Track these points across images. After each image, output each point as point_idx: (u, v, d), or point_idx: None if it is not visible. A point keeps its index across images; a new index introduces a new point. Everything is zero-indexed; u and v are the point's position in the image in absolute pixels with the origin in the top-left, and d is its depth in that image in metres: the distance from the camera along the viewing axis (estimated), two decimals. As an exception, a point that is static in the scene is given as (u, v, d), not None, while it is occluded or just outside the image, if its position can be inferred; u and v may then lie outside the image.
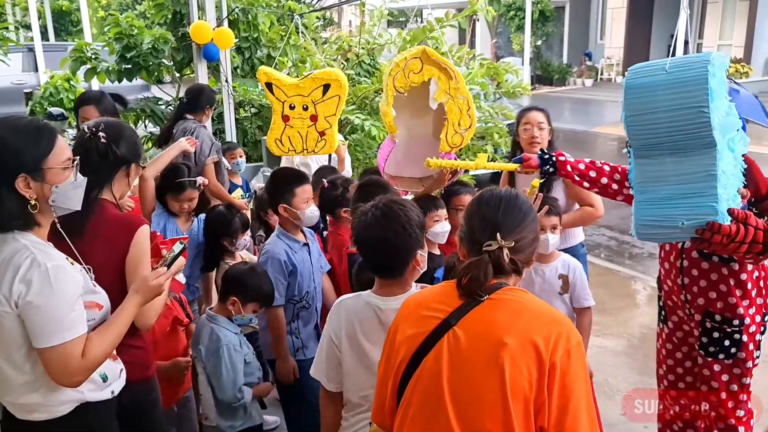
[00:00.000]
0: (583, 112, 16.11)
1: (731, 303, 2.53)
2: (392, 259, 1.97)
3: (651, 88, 1.99)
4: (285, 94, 3.34)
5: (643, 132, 2.04)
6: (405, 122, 3.23)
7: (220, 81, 6.07)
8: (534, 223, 1.64)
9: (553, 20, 22.83)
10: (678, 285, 2.67)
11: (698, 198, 1.94)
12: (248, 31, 6.52)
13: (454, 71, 2.96)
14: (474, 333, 1.45)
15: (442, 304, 1.55)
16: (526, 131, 3.43)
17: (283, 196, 2.91)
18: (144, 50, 6.05)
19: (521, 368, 1.36)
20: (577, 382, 1.37)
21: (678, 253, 2.63)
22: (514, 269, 1.56)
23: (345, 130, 6.10)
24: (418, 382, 1.48)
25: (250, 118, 6.83)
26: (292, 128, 3.39)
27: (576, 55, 22.89)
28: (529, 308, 1.48)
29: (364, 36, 6.81)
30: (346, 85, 3.34)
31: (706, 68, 1.90)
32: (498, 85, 6.70)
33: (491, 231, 1.55)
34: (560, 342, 1.38)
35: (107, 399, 1.88)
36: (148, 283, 1.89)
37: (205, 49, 5.59)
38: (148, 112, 6.60)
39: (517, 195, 1.67)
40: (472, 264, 1.53)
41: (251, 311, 2.75)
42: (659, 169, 2.04)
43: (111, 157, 2.09)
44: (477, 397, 1.38)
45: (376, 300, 1.99)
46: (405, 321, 1.62)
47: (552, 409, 1.34)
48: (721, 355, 2.59)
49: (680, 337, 2.79)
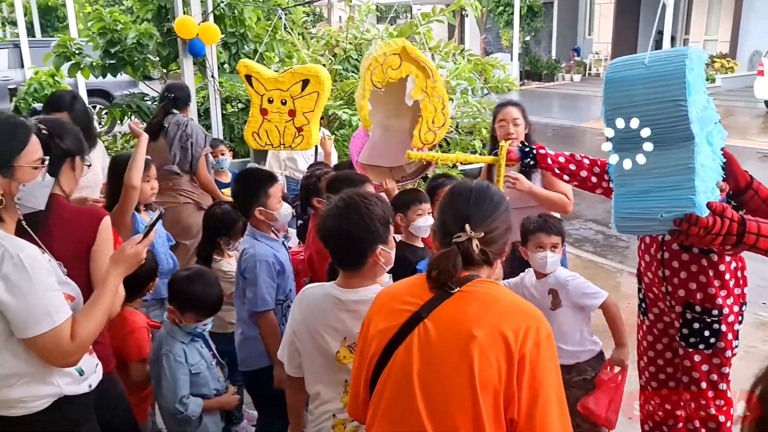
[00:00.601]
0: (572, 107, 16.17)
1: (710, 294, 2.56)
2: (350, 250, 1.96)
3: (630, 82, 2.00)
4: (264, 87, 3.32)
5: (622, 126, 2.05)
6: (381, 116, 3.23)
7: (206, 76, 6.05)
8: (506, 213, 1.63)
9: (542, 16, 22.89)
10: (659, 277, 2.69)
11: (677, 191, 1.96)
12: (235, 27, 6.49)
13: (432, 70, 2.97)
14: (444, 326, 1.45)
15: (413, 297, 1.54)
16: (501, 128, 3.44)
17: (258, 198, 2.83)
18: (128, 45, 6.02)
19: (490, 360, 1.36)
20: (547, 374, 1.37)
21: (659, 245, 2.66)
22: (484, 260, 1.54)
23: (333, 125, 6.09)
24: (389, 375, 1.47)
25: (237, 113, 6.81)
26: (270, 122, 3.37)
27: (564, 51, 22.95)
28: (500, 300, 1.47)
29: (351, 31, 6.80)
30: (325, 82, 3.31)
31: (684, 62, 1.91)
32: (485, 81, 6.71)
33: (462, 222, 1.54)
34: (530, 334, 1.38)
35: (85, 393, 1.87)
36: (125, 251, 1.87)
37: (190, 45, 5.56)
38: (134, 108, 6.57)
39: (489, 186, 1.67)
40: (441, 256, 1.52)
41: (192, 321, 2.61)
42: (639, 162, 2.05)
43: (54, 150, 2.04)
44: (447, 390, 1.38)
45: (335, 291, 1.99)
46: (377, 314, 1.62)
47: (522, 400, 1.34)
48: (701, 345, 2.62)
49: (661, 329, 2.81)
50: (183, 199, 4.27)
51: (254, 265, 2.74)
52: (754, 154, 10.48)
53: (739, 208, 2.37)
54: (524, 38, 22.80)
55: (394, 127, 3.32)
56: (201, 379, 2.61)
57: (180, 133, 4.17)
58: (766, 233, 1.91)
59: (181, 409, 2.52)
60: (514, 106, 3.51)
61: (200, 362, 2.62)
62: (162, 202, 4.16)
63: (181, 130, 4.19)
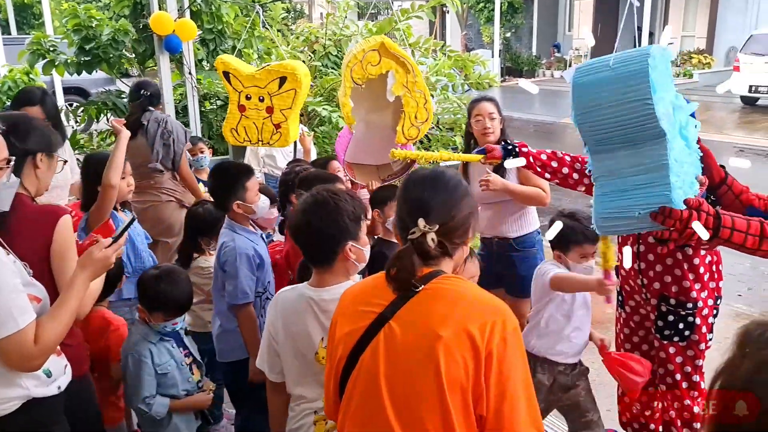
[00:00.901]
0: (552, 103, 16.22)
1: (685, 287, 2.59)
2: (319, 246, 1.95)
3: (596, 85, 2.01)
4: (242, 84, 3.30)
5: (593, 129, 2.07)
6: (363, 113, 3.22)
7: (184, 73, 5.98)
8: (466, 198, 1.56)
9: (522, 12, 22.98)
10: (635, 270, 2.71)
11: (652, 187, 1.97)
12: (212, 23, 6.42)
13: (412, 65, 2.96)
14: (409, 327, 1.41)
15: (377, 298, 1.50)
16: (478, 122, 3.44)
17: (235, 192, 2.83)
18: (104, 42, 5.92)
19: (457, 359, 1.33)
20: (514, 369, 1.35)
21: (635, 238, 2.68)
22: (443, 253, 1.49)
23: (313, 122, 6.06)
24: (357, 379, 1.45)
25: (216, 110, 6.74)
26: (248, 119, 3.35)
27: (545, 47, 23.07)
28: (466, 297, 1.44)
29: (330, 27, 6.76)
30: (303, 79, 3.30)
31: (647, 61, 1.92)
32: (466, 77, 6.72)
33: (416, 215, 1.48)
34: (496, 329, 1.35)
35: (54, 395, 1.84)
36: (93, 255, 1.83)
37: (166, 41, 5.48)
38: (110, 106, 6.47)
39: (443, 172, 1.59)
40: (397, 255, 1.48)
41: (160, 320, 2.58)
42: (613, 162, 2.06)
43: (13, 148, 1.98)
44: (414, 391, 1.36)
45: (309, 291, 1.97)
46: (342, 316, 1.59)
47: (490, 397, 1.32)
48: (676, 337, 2.64)
49: (637, 321, 2.84)
50: (165, 197, 4.23)
51: (234, 258, 2.74)
52: (730, 148, 10.61)
53: (717, 203, 2.39)
54: (505, 35, 22.88)
55: (377, 124, 3.32)
56: (169, 379, 2.57)
57: (161, 129, 4.14)
58: (740, 227, 1.92)
59: (144, 409, 2.50)
60: (489, 101, 3.51)
61: (168, 362, 2.58)
62: (144, 201, 4.18)
63: (161, 127, 4.15)
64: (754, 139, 11.54)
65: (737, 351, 0.94)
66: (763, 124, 12.70)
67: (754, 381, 0.89)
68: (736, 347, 0.95)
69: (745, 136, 11.80)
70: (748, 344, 0.93)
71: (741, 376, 0.91)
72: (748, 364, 0.91)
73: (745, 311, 4.73)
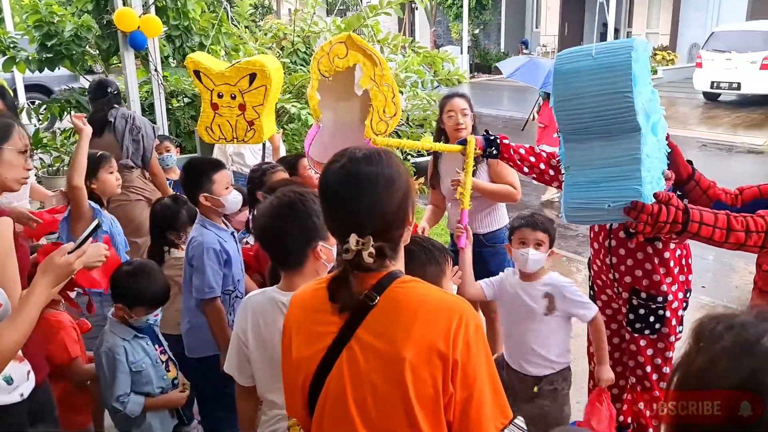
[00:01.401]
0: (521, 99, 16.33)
1: (655, 280, 2.63)
2: (287, 249, 1.92)
3: (578, 73, 2.01)
4: (213, 82, 3.27)
5: (571, 117, 2.07)
6: (331, 107, 3.19)
7: (150, 70, 5.87)
8: (392, 184, 1.35)
9: (490, 9, 23.14)
10: (606, 264, 2.75)
11: (623, 181, 1.98)
12: (178, 19, 6.31)
13: (379, 58, 2.95)
14: (371, 350, 1.32)
15: (333, 315, 1.37)
16: (450, 118, 3.47)
17: (202, 185, 2.80)
18: (66, 38, 5.78)
19: (424, 378, 1.28)
20: (479, 368, 1.31)
21: (606, 233, 2.71)
22: (385, 256, 1.35)
23: (282, 119, 6.01)
24: (325, 401, 1.38)
25: (183, 108, 6.64)
26: (221, 117, 3.32)
27: (513, 44, 23.27)
28: (424, 305, 1.33)
29: (299, 24, 6.71)
30: (272, 75, 3.27)
31: (630, 54, 1.93)
32: (435, 73, 6.73)
33: (344, 232, 1.32)
34: (459, 335, 1.29)
35: (16, 402, 1.79)
36: (54, 261, 1.76)
37: (131, 37, 5.37)
38: (73, 103, 6.32)
39: (357, 169, 1.35)
40: (333, 281, 1.37)
41: (143, 314, 2.56)
42: (587, 153, 2.07)
43: None
44: (384, 411, 1.31)
45: (278, 295, 1.93)
46: (297, 334, 1.46)
47: (457, 401, 1.30)
48: (647, 330, 2.69)
49: (609, 315, 2.88)
50: (134, 196, 4.18)
51: (201, 252, 2.74)
52: (694, 143, 10.84)
53: (684, 197, 2.44)
54: (473, 31, 23.01)
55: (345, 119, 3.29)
56: (143, 377, 2.55)
57: (129, 125, 4.08)
58: (708, 221, 1.95)
59: (118, 407, 2.46)
60: (461, 97, 3.54)
61: (143, 360, 2.55)
62: (112, 200, 4.09)
63: (129, 123, 4.09)
64: (716, 134, 11.81)
65: (693, 345, 0.93)
66: (724, 120, 13.01)
67: (707, 376, 0.88)
68: (691, 341, 0.94)
69: (707, 131, 12.07)
70: (702, 338, 0.92)
71: (695, 371, 0.90)
72: (701, 358, 0.90)
73: (708, 303, 4.84)
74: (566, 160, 2.14)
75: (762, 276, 2.25)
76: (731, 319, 0.91)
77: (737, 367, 0.85)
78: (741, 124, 12.57)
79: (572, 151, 2.12)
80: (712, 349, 0.89)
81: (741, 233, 1.94)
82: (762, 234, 1.94)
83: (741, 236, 1.94)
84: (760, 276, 2.26)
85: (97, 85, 4.45)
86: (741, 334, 0.88)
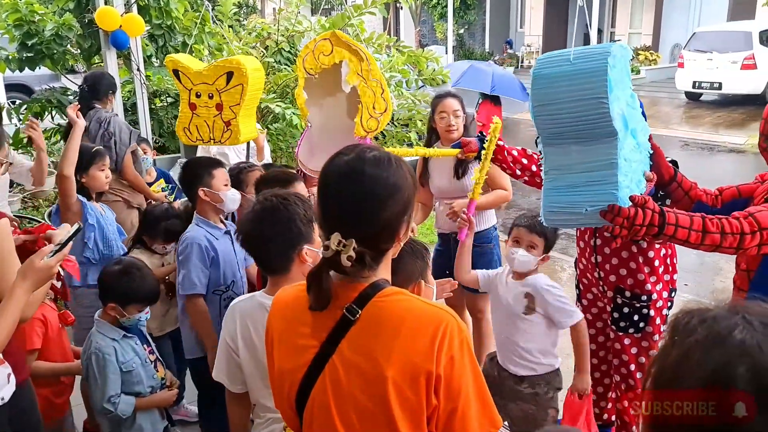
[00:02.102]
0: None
1: (640, 280, 2.64)
2: (272, 254, 1.92)
3: (555, 78, 2.01)
4: (191, 81, 3.24)
5: (549, 122, 2.07)
6: (318, 107, 3.18)
7: (132, 70, 5.82)
8: (393, 196, 1.29)
9: (475, 9, 23.21)
10: (592, 263, 2.76)
11: (600, 185, 1.98)
12: (161, 18, 6.26)
13: (366, 53, 2.92)
14: (353, 369, 1.29)
15: (314, 327, 1.34)
16: (442, 119, 3.44)
17: (201, 179, 2.80)
18: (47, 37, 5.72)
19: (407, 395, 1.25)
20: (464, 382, 1.28)
21: (592, 231, 2.72)
22: (365, 266, 1.29)
23: (267, 119, 5.98)
24: (312, 413, 1.35)
25: (166, 108, 6.60)
26: (199, 117, 3.29)
27: (497, 43, 23.36)
28: (407, 320, 1.28)
29: (283, 23, 6.68)
30: (250, 74, 3.23)
31: (606, 60, 1.93)
32: (419, 73, 6.74)
33: (330, 228, 1.28)
34: (443, 349, 1.25)
35: None
36: (34, 264, 1.73)
37: (113, 37, 5.33)
38: (54, 103, 6.26)
39: (362, 168, 1.29)
40: (310, 276, 1.32)
41: (136, 312, 2.56)
42: (565, 157, 2.07)
43: None
44: (367, 427, 1.29)
45: (266, 300, 1.91)
46: (279, 344, 1.42)
47: (440, 413, 1.27)
48: (631, 329, 2.70)
49: (595, 314, 2.89)
50: (112, 197, 4.13)
51: (185, 247, 2.73)
52: (676, 142, 10.95)
53: (666, 198, 2.45)
54: (458, 31, 23.07)
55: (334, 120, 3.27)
56: (134, 377, 2.54)
57: (102, 131, 4.02)
58: (683, 224, 1.96)
59: (109, 408, 2.45)
60: (453, 97, 3.50)
61: (133, 359, 2.55)
62: None
63: (103, 129, 4.03)
64: (698, 133, 11.94)
65: (668, 339, 0.95)
66: (706, 119, 13.15)
67: (681, 368, 0.89)
68: (667, 335, 0.96)
69: (689, 131, 12.20)
70: (676, 332, 0.93)
71: (670, 364, 0.92)
72: (676, 351, 0.91)
73: (692, 301, 4.89)
74: (546, 165, 2.14)
75: (740, 275, 2.27)
76: (705, 313, 0.93)
77: (709, 359, 0.87)
78: (722, 123, 12.71)
79: (551, 155, 2.12)
80: (686, 342, 0.90)
81: (716, 235, 1.95)
82: (737, 236, 1.96)
83: (716, 238, 1.96)
84: (739, 275, 2.28)
85: (83, 80, 4.42)
86: (713, 327, 0.90)
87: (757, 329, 0.88)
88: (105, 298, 2.57)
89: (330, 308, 1.31)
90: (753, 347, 0.86)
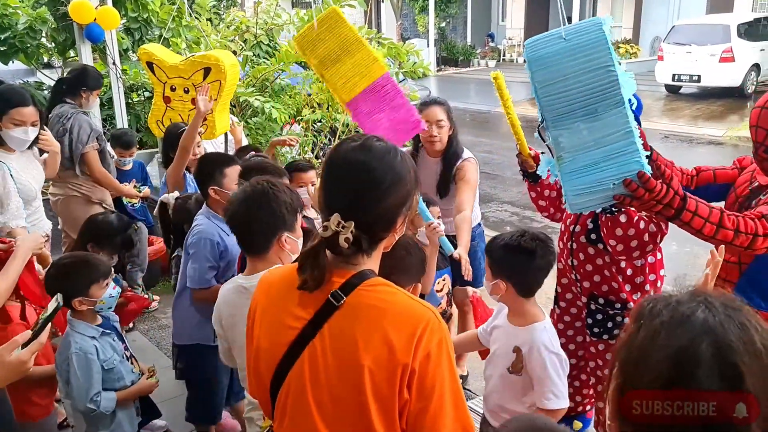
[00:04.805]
0: (488, 92, 16.43)
1: (614, 287, 2.59)
2: (252, 235, 2.02)
3: (554, 57, 1.99)
4: (166, 75, 3.20)
5: (557, 101, 2.02)
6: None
7: (108, 64, 5.73)
8: (396, 186, 1.33)
9: (456, 2, 23.17)
10: (569, 265, 2.73)
11: (621, 156, 1.95)
12: (137, 11, 6.17)
13: None
14: (332, 354, 1.30)
15: (298, 308, 1.35)
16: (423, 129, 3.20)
17: (213, 177, 2.87)
18: (20, 31, 5.61)
19: (383, 387, 1.27)
20: (438, 381, 1.28)
21: (569, 235, 2.68)
22: (361, 250, 1.32)
23: (246, 113, 5.92)
24: (287, 397, 1.36)
25: (144, 102, 6.50)
26: (173, 110, 3.26)
27: (479, 37, 23.36)
28: (389, 312, 1.30)
29: (262, 16, 6.61)
30: (228, 71, 3.20)
31: (603, 30, 1.94)
32: (400, 66, 6.70)
33: (330, 208, 1.31)
34: (421, 345, 1.27)
35: None
36: (3, 360, 1.46)
37: (87, 30, 5.22)
38: (28, 98, 6.13)
39: (369, 155, 1.33)
40: (305, 253, 1.34)
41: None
42: (576, 137, 2.02)
43: None
44: (340, 413, 1.30)
45: (241, 280, 2.05)
46: (260, 324, 1.44)
47: (411, 410, 1.28)
48: (605, 335, 2.66)
49: (574, 314, 2.82)
50: (70, 191, 4.13)
51: (198, 241, 2.78)
52: (656, 134, 11.03)
53: None
54: (440, 24, 23.03)
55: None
56: (115, 374, 2.56)
57: (58, 128, 3.94)
58: (702, 214, 1.93)
59: (92, 407, 2.44)
60: (439, 105, 3.26)
61: (113, 357, 2.56)
62: (55, 193, 4.17)
63: (60, 125, 3.95)
64: (678, 126, 12.04)
65: (633, 325, 1.00)
66: (685, 112, 13.26)
67: (647, 348, 0.95)
68: (632, 322, 1.01)
69: (669, 123, 12.29)
70: (642, 317, 0.99)
71: (637, 346, 0.96)
72: (642, 334, 0.97)
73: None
74: (557, 150, 2.07)
75: (727, 267, 2.25)
76: (668, 298, 1.01)
77: (674, 338, 0.94)
78: (701, 115, 12.83)
79: (561, 138, 2.05)
80: (652, 325, 0.97)
81: (730, 232, 1.93)
82: (750, 236, 1.94)
83: (729, 234, 1.94)
84: (725, 266, 2.27)
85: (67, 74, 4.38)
86: (678, 309, 0.97)
87: (718, 309, 0.95)
88: (67, 297, 2.35)
89: (316, 292, 1.33)
90: (716, 325, 0.93)
